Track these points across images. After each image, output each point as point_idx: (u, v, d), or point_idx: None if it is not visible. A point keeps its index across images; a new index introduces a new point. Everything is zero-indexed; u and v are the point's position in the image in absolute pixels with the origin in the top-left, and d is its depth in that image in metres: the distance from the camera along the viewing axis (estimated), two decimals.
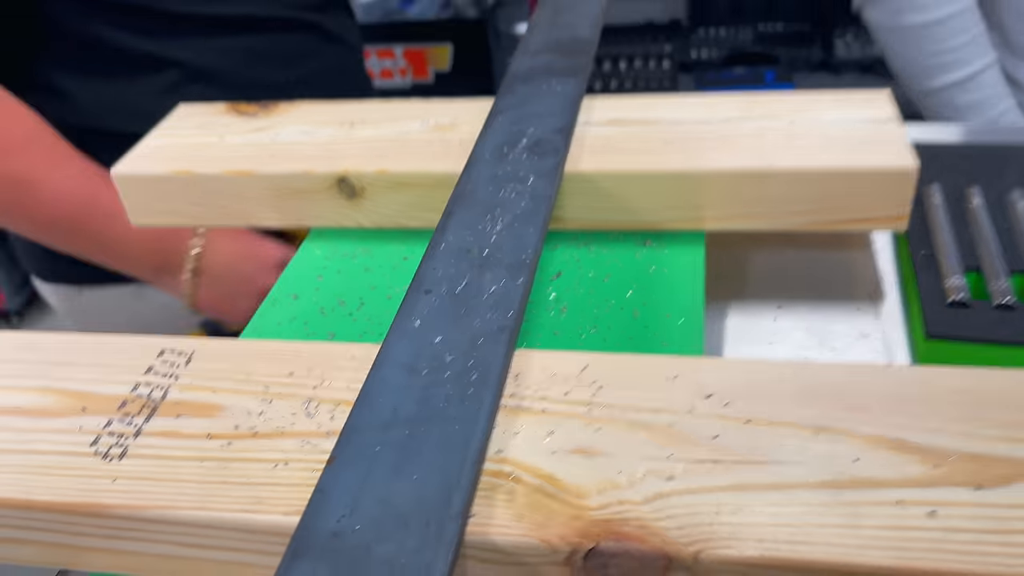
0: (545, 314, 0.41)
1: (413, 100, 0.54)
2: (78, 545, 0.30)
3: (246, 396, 0.33)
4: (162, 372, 0.34)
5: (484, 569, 0.27)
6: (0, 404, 0.33)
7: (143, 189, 0.49)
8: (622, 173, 0.44)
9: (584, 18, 0.60)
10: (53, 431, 0.32)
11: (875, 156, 0.42)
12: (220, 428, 0.31)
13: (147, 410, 0.32)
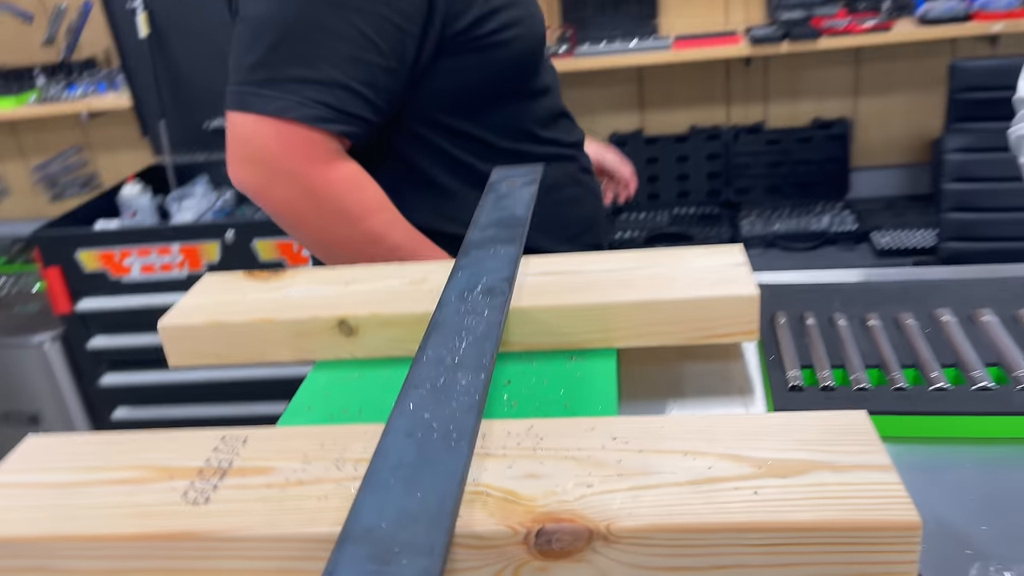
0: (500, 409, 0.55)
1: (393, 264, 0.70)
2: (176, 568, 0.42)
3: (291, 460, 0.46)
4: (225, 451, 0.47)
5: (468, 554, 0.40)
6: (107, 478, 0.46)
7: (184, 338, 0.63)
8: (552, 307, 0.60)
9: (519, 203, 0.79)
10: (152, 491, 0.44)
11: (731, 288, 0.60)
12: (275, 480, 0.44)
13: (219, 474, 0.45)
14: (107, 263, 1.84)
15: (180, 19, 2.18)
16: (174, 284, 1.84)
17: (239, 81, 0.79)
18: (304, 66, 0.77)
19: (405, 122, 0.88)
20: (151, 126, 2.27)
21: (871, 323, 0.64)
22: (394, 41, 0.80)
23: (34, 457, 0.49)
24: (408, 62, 0.82)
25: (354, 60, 0.78)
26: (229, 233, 1.79)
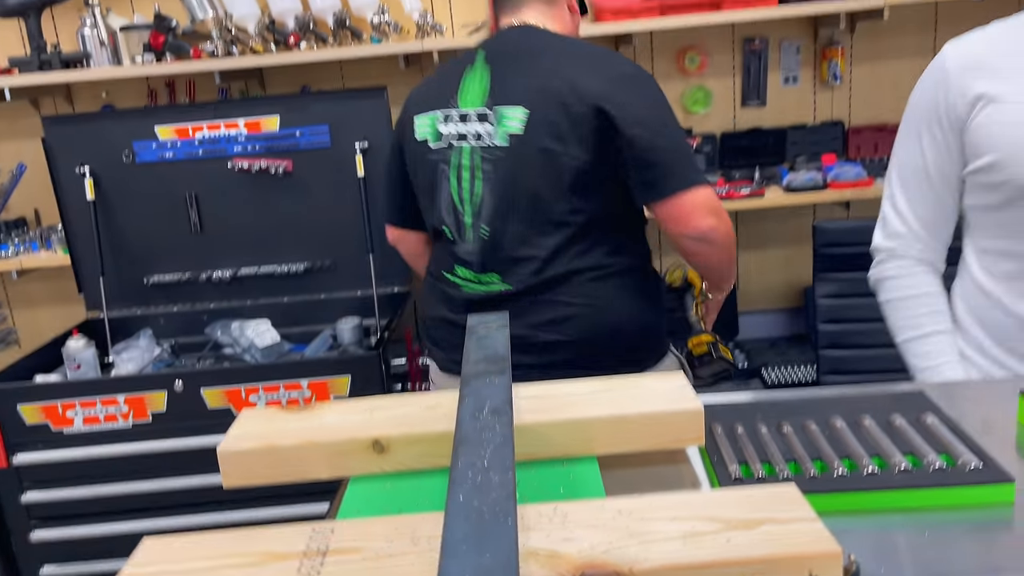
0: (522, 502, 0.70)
1: (402, 395, 0.85)
2: None
3: (375, 541, 0.59)
4: (318, 538, 0.60)
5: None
6: (227, 563, 0.58)
7: (241, 461, 0.75)
8: (546, 422, 0.77)
9: (498, 343, 0.96)
10: (270, 570, 0.57)
11: (682, 404, 0.78)
12: (368, 556, 0.57)
13: (321, 554, 0.58)
14: (49, 415, 1.86)
15: (123, 184, 2.32)
16: (117, 435, 1.88)
17: (693, 168, 1.38)
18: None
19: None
20: (88, 283, 2.35)
21: (785, 429, 0.83)
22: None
23: (155, 554, 0.60)
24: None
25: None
26: (178, 383, 1.86)
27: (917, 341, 1.22)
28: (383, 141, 2.26)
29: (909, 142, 1.22)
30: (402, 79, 2.67)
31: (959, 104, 1.13)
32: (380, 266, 2.26)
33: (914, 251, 1.23)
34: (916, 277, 1.23)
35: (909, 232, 1.23)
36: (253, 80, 2.72)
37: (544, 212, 1.38)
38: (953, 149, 1.16)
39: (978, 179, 1.13)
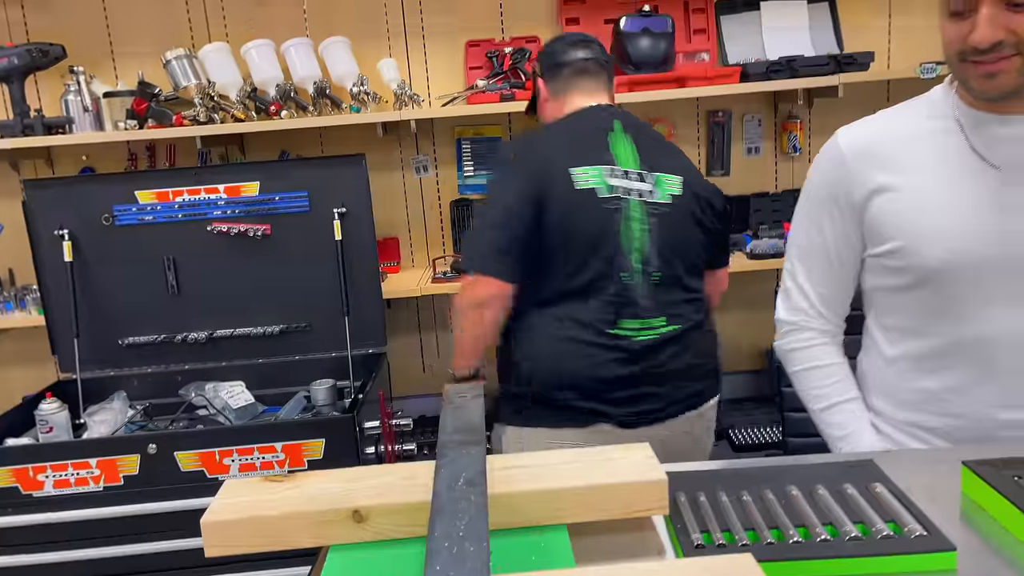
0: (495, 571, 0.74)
1: (380, 466, 0.89)
2: None
3: None
4: None
5: None
6: None
7: (225, 532, 0.78)
8: (518, 492, 0.81)
9: (473, 413, 1.01)
10: None
11: (648, 474, 0.82)
12: None
13: None
14: (19, 479, 1.86)
15: (101, 246, 2.35)
16: (89, 499, 1.87)
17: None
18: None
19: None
20: (62, 344, 2.35)
21: (744, 498, 0.88)
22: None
23: None
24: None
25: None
26: (151, 446, 1.87)
27: (828, 411, 1.28)
28: (361, 206, 2.32)
29: (808, 221, 1.29)
30: (380, 146, 2.75)
31: (856, 191, 1.20)
32: (355, 328, 2.30)
33: (816, 324, 1.30)
34: (820, 349, 1.30)
35: (810, 307, 1.30)
36: (234, 145, 2.78)
37: (693, 259, 1.69)
38: (852, 231, 1.23)
39: (881, 262, 1.20)
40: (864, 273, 1.27)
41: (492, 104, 2.52)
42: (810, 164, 1.30)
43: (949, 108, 1.17)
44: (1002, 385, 1.13)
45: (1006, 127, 1.12)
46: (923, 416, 1.20)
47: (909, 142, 1.18)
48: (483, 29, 2.72)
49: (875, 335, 1.27)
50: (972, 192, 1.12)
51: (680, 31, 2.66)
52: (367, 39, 2.70)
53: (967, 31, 1.04)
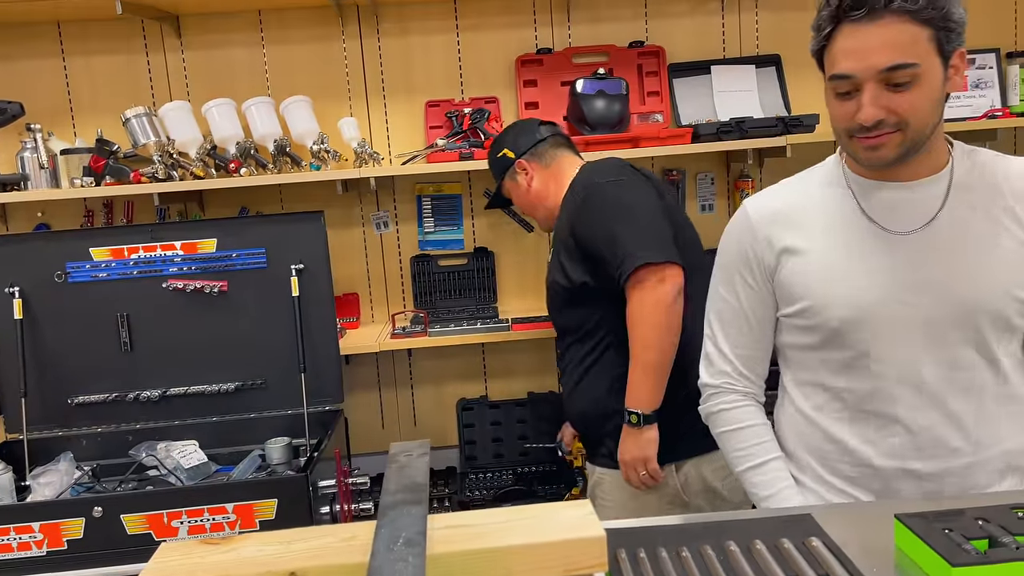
0: None
1: (321, 527, 0.88)
2: None
3: None
4: None
5: None
6: None
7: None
8: (459, 552, 0.81)
9: (417, 471, 1.00)
10: None
11: (586, 531, 0.83)
12: None
13: None
14: None
15: (53, 303, 2.32)
16: (31, 564, 1.81)
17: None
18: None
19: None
20: (8, 404, 2.30)
21: (683, 554, 0.89)
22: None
23: None
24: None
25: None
26: (96, 509, 1.82)
27: (753, 471, 1.33)
28: (319, 262, 2.33)
29: (724, 287, 1.36)
30: (340, 203, 2.78)
31: (766, 255, 1.29)
32: (312, 384, 2.28)
33: (738, 386, 1.37)
34: (742, 410, 1.36)
35: (732, 370, 1.36)
36: (192, 202, 2.78)
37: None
38: (765, 293, 1.31)
39: (793, 322, 1.28)
40: (778, 332, 1.33)
41: (452, 162, 2.56)
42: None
43: (841, 176, 1.27)
44: (909, 435, 1.20)
45: (889, 192, 1.21)
46: (839, 466, 1.26)
47: (810, 207, 1.27)
48: (442, 90, 2.78)
49: (789, 389, 1.33)
50: (866, 252, 1.21)
51: (634, 93, 2.75)
52: (328, 98, 2.74)
53: (853, 110, 1.14)
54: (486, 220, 2.86)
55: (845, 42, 1.12)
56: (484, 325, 2.61)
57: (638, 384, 1.71)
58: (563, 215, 1.89)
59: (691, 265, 1.75)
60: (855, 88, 1.13)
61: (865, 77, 1.11)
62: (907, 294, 1.18)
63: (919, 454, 1.19)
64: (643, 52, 2.78)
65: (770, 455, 1.32)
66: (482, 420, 2.92)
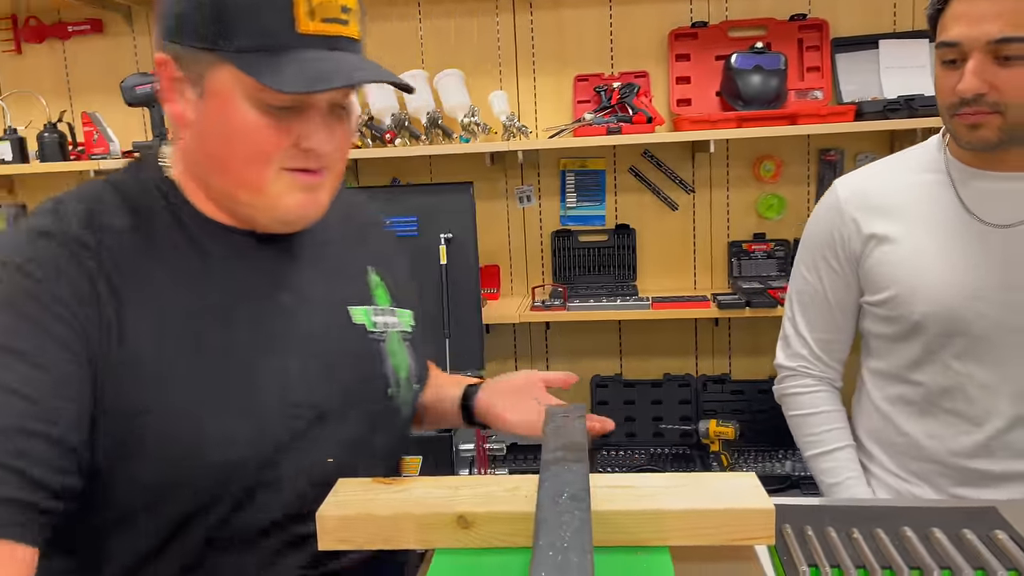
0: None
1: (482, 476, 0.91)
2: None
3: None
4: None
5: None
6: None
7: (339, 526, 0.82)
8: (621, 511, 0.81)
9: (575, 432, 1.01)
10: None
11: (755, 502, 0.81)
12: None
13: None
14: None
15: None
16: None
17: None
18: None
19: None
20: None
21: (855, 535, 0.86)
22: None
23: None
24: None
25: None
26: None
27: (821, 457, 1.30)
28: (467, 232, 2.38)
29: (807, 269, 1.32)
30: (486, 175, 2.82)
31: (853, 240, 1.23)
32: (455, 351, 2.35)
33: (814, 371, 1.33)
34: (816, 395, 1.33)
35: (809, 353, 1.32)
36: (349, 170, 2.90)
37: None
38: (850, 279, 1.26)
39: (875, 310, 1.23)
40: (861, 318, 1.28)
41: (598, 137, 2.55)
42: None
43: (942, 161, 1.19)
44: (982, 436, 1.15)
45: (991, 182, 1.13)
46: (908, 461, 1.22)
47: (904, 193, 1.20)
48: (592, 64, 2.77)
49: (866, 379, 1.31)
50: (959, 245, 1.14)
51: (793, 68, 2.63)
52: (480, 72, 2.78)
53: (955, 81, 1.07)
54: (630, 197, 2.84)
55: (959, 7, 1.06)
56: (624, 302, 2.59)
57: None
58: None
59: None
60: (962, 57, 1.06)
61: (973, 46, 1.04)
62: (998, 292, 1.12)
63: (990, 455, 1.15)
64: (804, 25, 2.66)
65: (838, 443, 1.29)
66: (616, 398, 2.91)
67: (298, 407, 0.88)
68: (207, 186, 0.86)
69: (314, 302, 0.93)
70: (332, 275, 0.97)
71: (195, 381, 0.80)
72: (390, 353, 1.00)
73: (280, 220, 0.86)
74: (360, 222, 1.11)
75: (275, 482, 0.85)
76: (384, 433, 0.99)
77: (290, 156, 0.81)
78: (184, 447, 0.78)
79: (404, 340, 1.04)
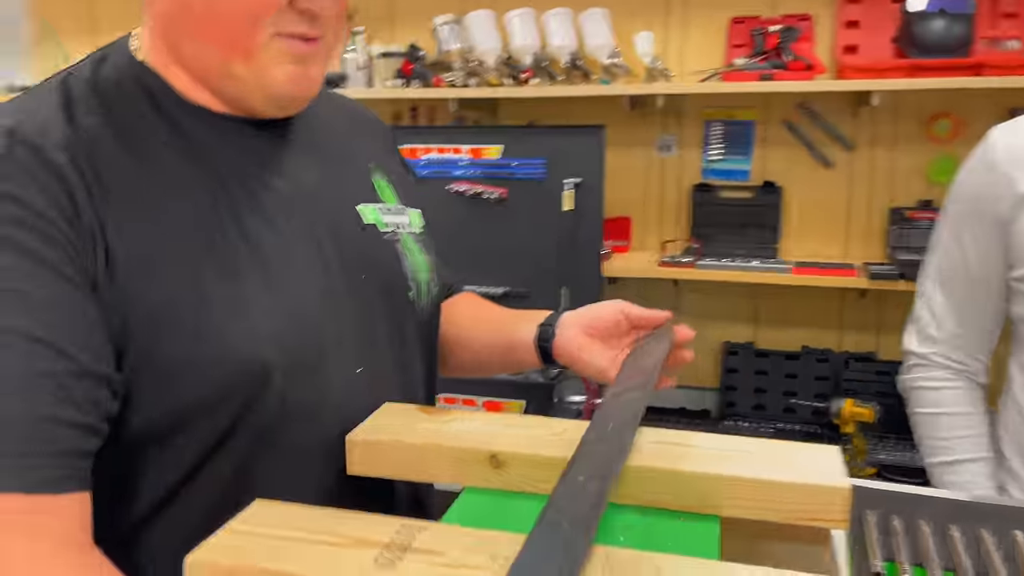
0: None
1: (538, 417, 0.85)
2: None
3: (456, 550, 0.59)
4: (405, 534, 0.61)
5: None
6: (314, 539, 0.60)
7: (368, 451, 0.78)
8: (668, 471, 0.72)
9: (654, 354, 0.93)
10: (351, 553, 0.58)
11: (827, 479, 0.70)
12: (444, 561, 0.57)
13: (402, 549, 0.58)
14: None
15: None
16: None
17: None
18: None
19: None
20: None
21: (952, 533, 0.72)
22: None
23: (262, 515, 0.63)
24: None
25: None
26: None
27: (945, 468, 1.09)
28: (595, 179, 2.28)
29: (949, 237, 1.10)
30: (624, 121, 2.69)
31: (1004, 200, 1.00)
32: (573, 301, 2.27)
33: (951, 361, 1.10)
34: (950, 392, 1.08)
35: (946, 338, 1.10)
36: (486, 110, 2.86)
37: None
38: (996, 248, 1.03)
39: (1022, 287, 0.95)
40: (1010, 300, 1.05)
41: (750, 83, 2.36)
42: None
43: None
44: None
45: None
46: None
47: None
48: (750, 4, 2.55)
49: (1014, 376, 1.04)
50: None
51: (984, 14, 2.31)
52: (625, 11, 2.64)
53: None
54: (780, 152, 2.62)
55: None
56: (761, 264, 2.41)
57: None
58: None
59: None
60: None
61: None
62: None
63: None
64: None
65: (971, 454, 1.08)
66: (746, 367, 2.74)
67: (312, 305, 0.79)
68: (187, 64, 0.76)
69: (318, 195, 0.84)
70: (337, 170, 0.89)
71: (200, 283, 0.71)
72: (406, 253, 0.93)
73: (270, 96, 0.76)
74: (361, 120, 1.02)
75: (304, 389, 0.77)
76: (411, 344, 0.92)
77: (286, 18, 0.72)
78: (200, 357, 0.70)
79: (417, 242, 0.96)
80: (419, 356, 0.94)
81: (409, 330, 0.92)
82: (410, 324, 0.92)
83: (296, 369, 0.75)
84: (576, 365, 1.03)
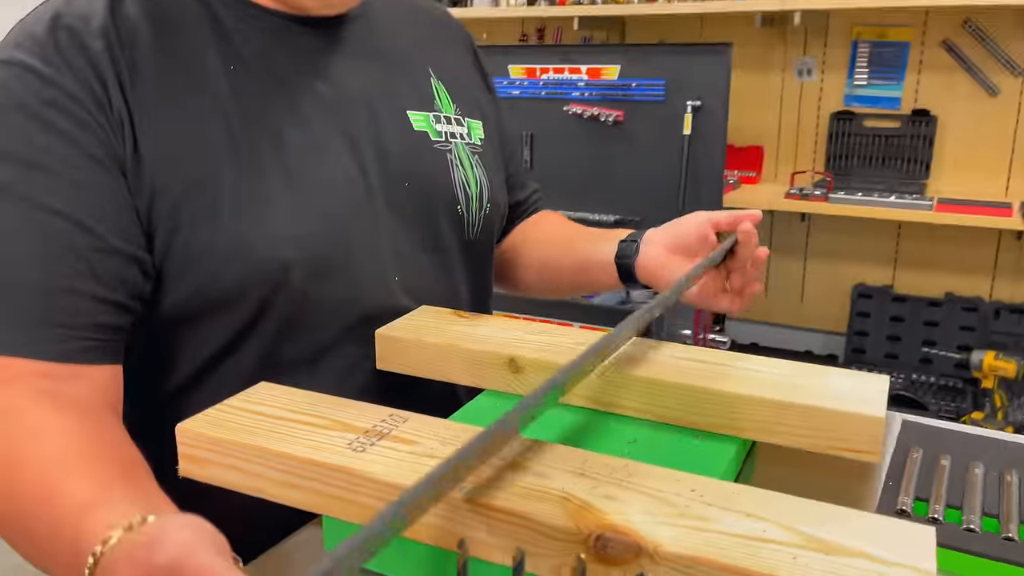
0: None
1: (571, 329, 0.81)
2: (326, 493, 0.55)
3: (432, 440, 0.58)
4: (389, 423, 0.60)
5: (542, 540, 0.49)
6: (301, 419, 0.61)
7: (392, 348, 0.79)
8: (689, 386, 0.68)
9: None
10: (328, 435, 0.58)
11: (859, 406, 0.63)
12: (416, 450, 0.56)
13: (379, 436, 0.58)
14: None
15: None
16: None
17: None
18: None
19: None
20: None
21: (1009, 479, 0.64)
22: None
23: (262, 395, 0.65)
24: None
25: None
26: None
27: None
28: (718, 102, 2.15)
29: None
30: (758, 41, 2.52)
31: None
32: None
33: None
34: None
35: None
36: (615, 29, 2.76)
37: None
38: None
39: None
40: None
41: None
42: None
43: None
44: None
45: None
46: None
47: None
48: None
49: None
50: None
51: None
52: None
53: None
54: (937, 77, 2.36)
55: None
56: (899, 199, 2.21)
57: None
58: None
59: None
60: None
61: None
62: None
63: None
64: None
65: None
66: (880, 312, 2.55)
67: (339, 207, 0.78)
68: None
69: (363, 100, 0.83)
70: (392, 76, 0.87)
71: (218, 179, 0.72)
72: (457, 164, 0.90)
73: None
74: (438, 26, 0.98)
75: (329, 288, 0.77)
76: (454, 258, 0.90)
77: None
78: (218, 251, 0.71)
79: (473, 154, 0.93)
80: (464, 273, 0.93)
81: (453, 244, 0.90)
82: (455, 238, 0.90)
83: (318, 268, 0.76)
84: (658, 284, 0.95)
